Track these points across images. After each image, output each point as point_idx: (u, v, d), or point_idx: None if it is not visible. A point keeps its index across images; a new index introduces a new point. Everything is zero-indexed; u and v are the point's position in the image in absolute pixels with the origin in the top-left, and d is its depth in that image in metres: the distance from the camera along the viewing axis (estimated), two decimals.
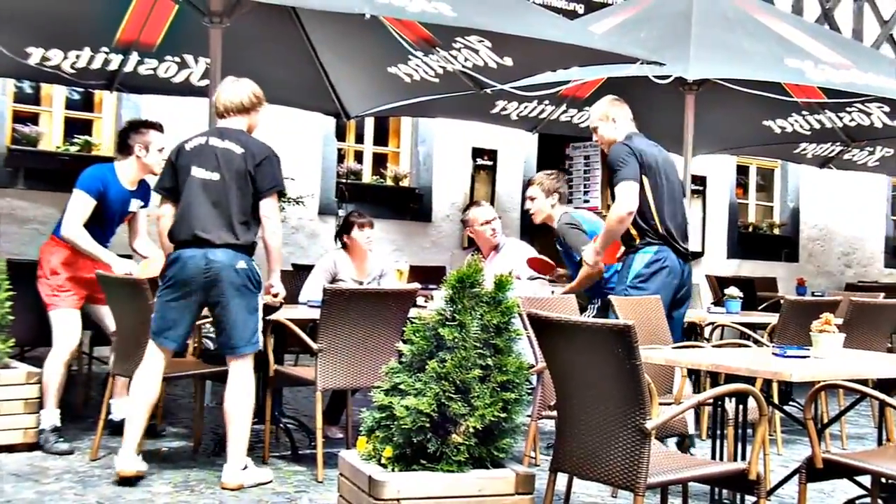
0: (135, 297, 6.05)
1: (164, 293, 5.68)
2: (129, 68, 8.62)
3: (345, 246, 7.56)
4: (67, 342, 6.57)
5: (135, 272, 6.43)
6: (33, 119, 10.31)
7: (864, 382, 4.72)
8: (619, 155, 6.56)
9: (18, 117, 10.16)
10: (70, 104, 10.50)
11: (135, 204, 6.84)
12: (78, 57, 8.25)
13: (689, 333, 8.55)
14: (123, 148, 6.77)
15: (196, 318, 5.82)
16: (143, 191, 6.88)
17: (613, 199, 6.62)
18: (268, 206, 5.65)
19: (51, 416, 6.41)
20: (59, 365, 6.48)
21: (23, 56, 7.93)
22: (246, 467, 5.72)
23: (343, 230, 7.59)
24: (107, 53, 8.36)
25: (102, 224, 6.66)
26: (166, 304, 5.68)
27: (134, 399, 5.74)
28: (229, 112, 5.90)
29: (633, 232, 6.61)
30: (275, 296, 5.89)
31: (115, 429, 6.47)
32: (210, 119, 7.56)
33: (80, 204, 6.50)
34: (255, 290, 5.66)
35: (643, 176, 6.53)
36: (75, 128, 10.44)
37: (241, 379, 5.70)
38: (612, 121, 6.79)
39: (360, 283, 7.42)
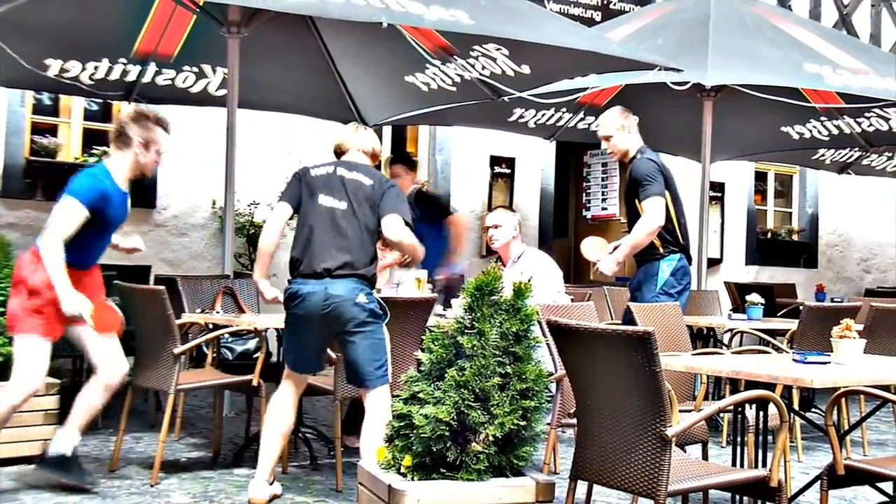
0: (154, 307, 6.07)
1: (288, 327, 5.54)
2: (147, 79, 8.66)
3: None
4: (30, 381, 5.55)
5: (85, 317, 5.46)
6: (52, 130, 10.35)
7: (885, 388, 4.69)
8: (647, 170, 7.09)
9: (37, 129, 10.20)
10: (88, 115, 10.54)
11: (128, 206, 5.96)
12: (96, 68, 8.30)
13: (707, 339, 8.54)
14: (121, 140, 5.78)
15: (328, 344, 5.64)
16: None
17: (632, 210, 7.17)
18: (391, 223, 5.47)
19: None
20: (5, 408, 5.57)
21: (42, 68, 7.98)
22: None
23: None
24: (125, 64, 8.41)
25: (103, 236, 5.82)
26: (292, 338, 5.56)
27: (267, 427, 5.52)
28: (353, 149, 5.75)
29: (657, 241, 7.08)
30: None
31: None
32: (228, 130, 7.61)
33: (70, 216, 5.50)
34: (378, 321, 5.45)
35: (666, 190, 7.09)
36: (94, 139, 10.46)
37: (372, 412, 5.47)
38: (627, 131, 7.27)
39: (378, 290, 7.42)
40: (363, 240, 5.45)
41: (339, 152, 5.76)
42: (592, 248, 7.60)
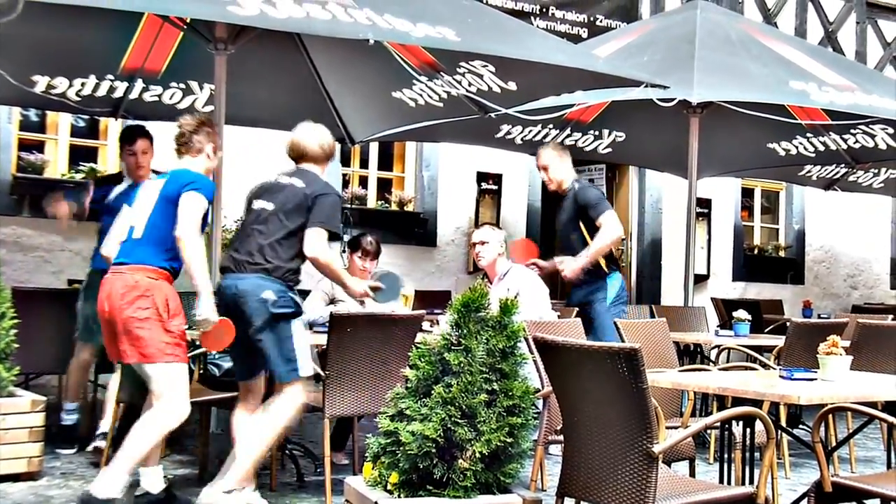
0: None
1: None
2: (134, 95, 8.64)
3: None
4: (184, 407, 5.42)
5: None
6: (39, 147, 10.32)
7: (872, 405, 4.70)
8: (596, 193, 8.10)
9: (24, 145, 10.18)
10: (75, 132, 10.52)
11: None
12: (83, 84, 8.27)
13: (694, 356, 8.55)
14: (190, 148, 5.69)
15: (251, 345, 5.53)
16: None
17: (572, 234, 7.98)
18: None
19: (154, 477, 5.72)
20: (159, 433, 5.42)
21: (28, 84, 7.95)
22: (231, 491, 5.47)
23: (350, 246, 7.62)
24: (112, 81, 8.39)
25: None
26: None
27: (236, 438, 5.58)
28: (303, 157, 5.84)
29: (602, 261, 7.89)
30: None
31: None
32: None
33: (200, 211, 5.39)
34: (286, 319, 5.46)
35: None
36: (81, 155, 10.45)
37: (278, 404, 5.50)
38: (563, 163, 8.18)
39: (362, 302, 7.43)
40: (280, 239, 5.53)
41: (294, 158, 5.90)
42: (522, 250, 8.23)
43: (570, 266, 7.82)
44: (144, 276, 5.31)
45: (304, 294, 8.37)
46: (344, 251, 7.75)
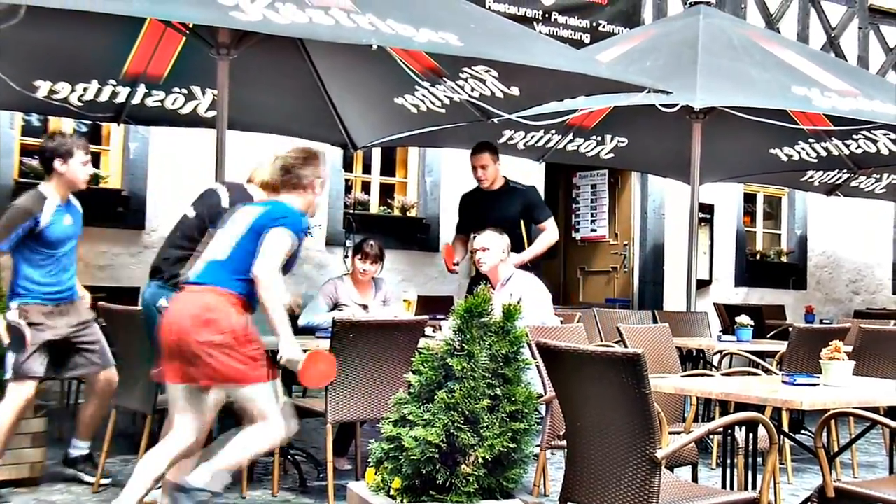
0: (134, 328, 6.07)
1: None
2: (136, 100, 8.65)
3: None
4: (278, 426, 5.04)
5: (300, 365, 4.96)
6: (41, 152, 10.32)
7: (874, 410, 4.69)
8: (540, 197, 8.99)
9: (26, 150, 10.18)
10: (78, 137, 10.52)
11: None
12: (85, 90, 8.28)
13: (696, 361, 8.55)
14: (295, 183, 5.41)
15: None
16: None
17: (515, 227, 8.45)
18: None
19: None
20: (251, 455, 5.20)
21: (31, 89, 7.96)
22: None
23: (354, 250, 7.64)
24: (114, 86, 8.39)
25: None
26: None
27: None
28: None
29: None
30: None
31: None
32: (217, 151, 7.61)
33: (284, 249, 5.06)
34: None
35: None
36: None
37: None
38: (498, 163, 8.68)
39: (365, 307, 7.43)
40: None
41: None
42: (445, 256, 8.69)
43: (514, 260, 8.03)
44: (214, 297, 5.00)
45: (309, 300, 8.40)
46: (347, 256, 7.75)
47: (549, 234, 8.71)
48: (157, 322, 5.18)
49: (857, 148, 10.24)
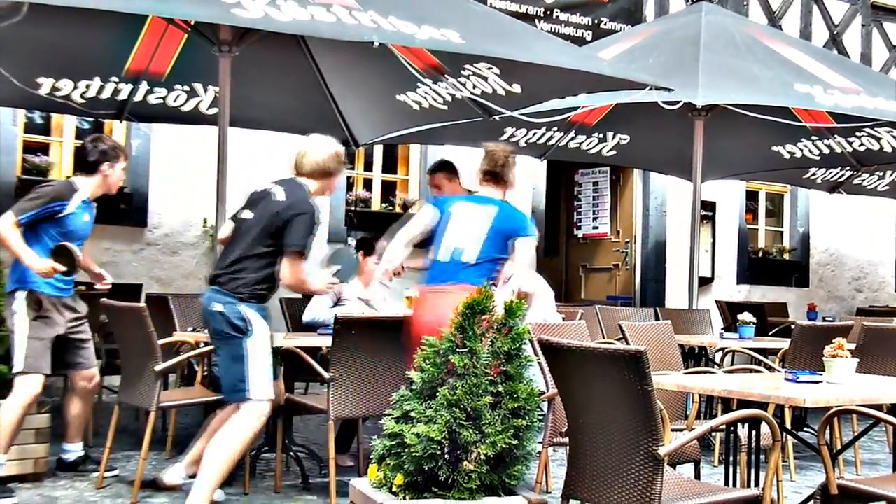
0: (136, 324, 6.07)
1: None
2: (138, 97, 8.65)
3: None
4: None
5: None
6: (44, 149, 10.33)
7: (878, 407, 4.69)
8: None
9: (29, 147, 10.19)
10: (80, 134, 10.52)
11: None
12: (88, 87, 8.28)
13: (699, 359, 8.54)
14: (501, 178, 6.23)
15: None
16: None
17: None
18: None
19: None
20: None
21: (33, 86, 7.96)
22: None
23: (365, 247, 7.54)
24: (116, 83, 8.40)
25: None
26: None
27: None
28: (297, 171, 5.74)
29: None
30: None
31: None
32: (219, 148, 7.61)
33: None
34: (238, 335, 5.36)
35: None
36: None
37: (233, 424, 5.39)
38: (456, 180, 8.01)
39: (367, 301, 7.42)
40: (249, 255, 5.45)
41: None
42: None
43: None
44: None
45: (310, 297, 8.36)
46: (358, 248, 7.72)
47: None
48: (216, 324, 5.36)
49: (859, 145, 10.23)
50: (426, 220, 6.09)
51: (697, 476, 5.03)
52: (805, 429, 7.86)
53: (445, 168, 8.13)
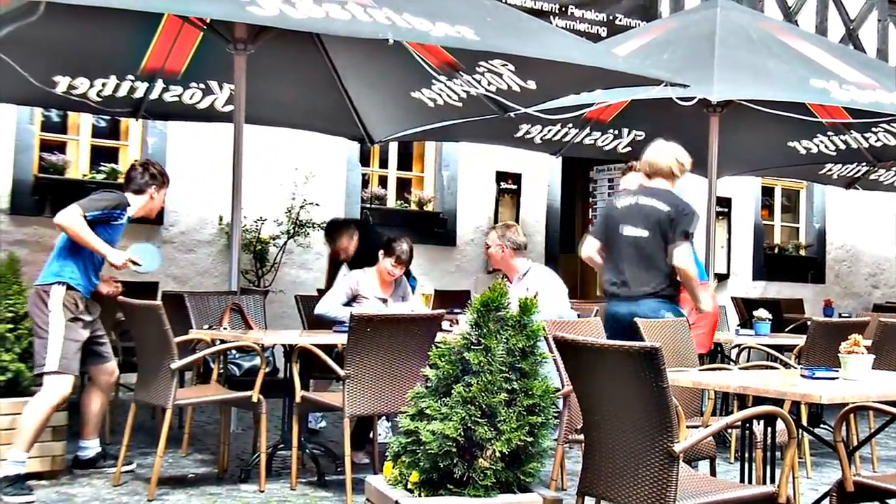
0: (152, 322, 6.09)
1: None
2: (154, 95, 8.69)
3: (374, 260, 7.50)
4: None
5: None
6: (60, 147, 10.38)
7: (894, 404, 4.67)
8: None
9: (46, 146, 10.23)
10: (96, 132, 10.57)
11: None
12: (104, 85, 8.32)
13: (714, 355, 8.52)
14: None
15: None
16: None
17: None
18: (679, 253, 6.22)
19: None
20: None
21: (50, 85, 8.00)
22: None
23: (384, 247, 7.49)
24: (132, 81, 8.44)
25: None
26: None
27: None
28: (654, 175, 6.53)
29: None
30: None
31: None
32: (234, 146, 7.62)
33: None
34: None
35: None
36: (102, 155, 10.50)
37: None
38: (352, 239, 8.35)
39: (385, 301, 7.42)
40: (658, 264, 6.24)
41: (647, 174, 6.58)
42: None
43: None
44: None
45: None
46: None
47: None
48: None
49: (876, 141, 10.20)
50: None
51: (713, 473, 5.03)
52: (821, 425, 7.83)
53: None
